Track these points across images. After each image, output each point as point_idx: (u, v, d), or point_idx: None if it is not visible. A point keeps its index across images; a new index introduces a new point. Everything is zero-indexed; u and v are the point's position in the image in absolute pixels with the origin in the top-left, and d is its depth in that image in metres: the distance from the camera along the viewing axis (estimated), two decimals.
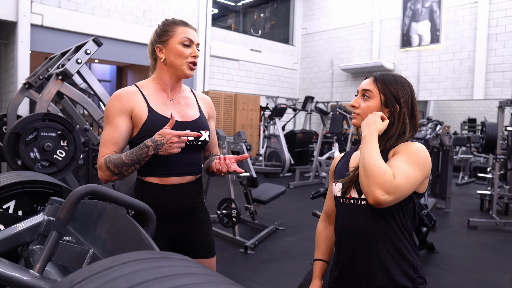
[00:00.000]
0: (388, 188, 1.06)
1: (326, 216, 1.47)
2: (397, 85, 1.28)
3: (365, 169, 1.12)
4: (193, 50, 1.50)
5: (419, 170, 1.15)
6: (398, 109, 1.27)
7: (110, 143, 1.41)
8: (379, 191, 1.06)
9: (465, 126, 12.15)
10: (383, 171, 1.09)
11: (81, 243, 0.94)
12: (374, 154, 1.14)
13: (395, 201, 1.09)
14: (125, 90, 1.48)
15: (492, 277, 3.33)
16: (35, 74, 3.97)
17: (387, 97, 1.28)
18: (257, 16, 13.30)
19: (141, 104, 1.45)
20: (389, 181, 1.07)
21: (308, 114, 10.07)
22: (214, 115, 1.68)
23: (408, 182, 1.11)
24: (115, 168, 1.36)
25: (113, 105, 1.44)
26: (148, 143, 1.34)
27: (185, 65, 1.48)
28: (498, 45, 8.80)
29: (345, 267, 1.29)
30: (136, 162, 1.36)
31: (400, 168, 1.12)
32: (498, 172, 5.19)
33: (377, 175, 1.08)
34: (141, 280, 0.44)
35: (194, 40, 1.51)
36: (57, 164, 2.74)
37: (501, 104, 5.19)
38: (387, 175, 1.08)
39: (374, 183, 1.07)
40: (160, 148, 1.33)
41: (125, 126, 1.43)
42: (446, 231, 4.69)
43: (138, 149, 1.35)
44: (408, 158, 1.16)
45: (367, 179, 1.10)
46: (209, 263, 1.56)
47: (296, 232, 4.42)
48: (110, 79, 12.38)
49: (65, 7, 7.75)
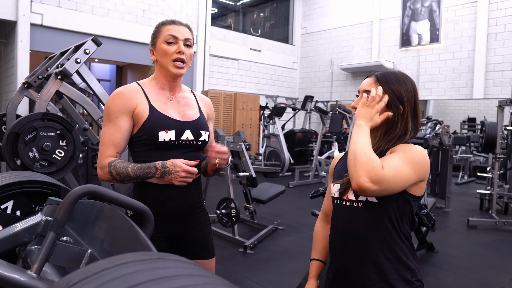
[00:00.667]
0: (374, 176, 1.05)
1: (324, 215, 1.46)
2: (399, 84, 1.24)
3: (355, 154, 1.10)
4: (178, 46, 1.46)
5: (412, 169, 1.13)
6: (402, 110, 1.23)
7: (111, 144, 1.41)
8: (364, 178, 1.05)
9: (464, 125, 12.14)
10: (372, 159, 1.08)
11: (79, 243, 0.94)
12: (366, 143, 1.12)
13: (379, 192, 1.07)
14: (127, 88, 1.47)
15: (491, 276, 3.32)
16: (35, 74, 3.96)
17: (390, 98, 1.23)
18: (256, 15, 13.30)
19: (143, 102, 1.45)
20: (376, 170, 1.05)
21: (308, 113, 10.07)
22: (213, 116, 1.67)
23: (396, 176, 1.09)
24: (118, 175, 1.39)
25: (115, 104, 1.42)
26: (158, 165, 1.36)
27: (170, 63, 1.46)
28: (497, 44, 8.80)
29: (341, 270, 1.28)
30: (141, 178, 1.39)
31: (391, 162, 1.11)
32: (497, 171, 5.19)
33: (365, 162, 1.07)
34: (137, 281, 0.44)
35: (179, 35, 1.46)
36: (56, 163, 2.74)
37: (500, 103, 5.19)
38: (376, 164, 1.07)
39: (361, 169, 1.06)
40: (166, 175, 1.36)
41: (127, 126, 1.43)
42: (445, 231, 4.69)
43: (146, 167, 1.37)
44: (403, 155, 1.14)
45: (354, 165, 1.09)
46: (208, 264, 1.56)
47: (295, 232, 4.42)
48: (110, 78, 12.38)
49: (64, 7, 7.75)
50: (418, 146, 1.20)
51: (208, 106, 1.65)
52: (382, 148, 1.23)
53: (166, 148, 1.45)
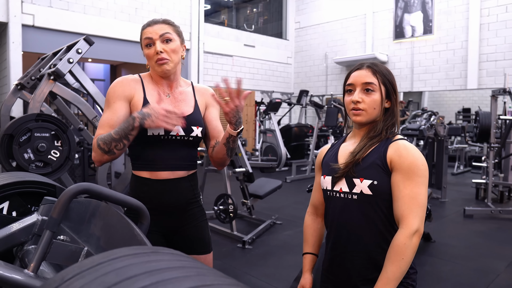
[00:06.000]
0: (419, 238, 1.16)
1: (314, 208, 1.46)
2: (390, 74, 1.29)
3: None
4: (155, 47, 1.45)
5: (423, 185, 1.18)
6: (395, 98, 1.28)
7: (106, 125, 1.42)
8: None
9: (459, 116, 12.19)
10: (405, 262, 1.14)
11: (75, 241, 0.95)
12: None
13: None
14: (128, 77, 1.51)
15: (488, 264, 3.36)
16: (27, 75, 3.94)
17: (388, 88, 1.26)
18: (250, 11, 13.26)
19: (139, 94, 1.48)
20: (415, 244, 1.14)
21: (303, 108, 10.08)
22: (213, 103, 1.61)
23: (422, 215, 1.17)
24: (104, 145, 1.35)
25: (114, 90, 1.46)
26: (135, 114, 1.33)
27: (155, 65, 1.47)
28: (490, 34, 8.83)
29: (336, 260, 1.29)
30: (124, 136, 1.34)
31: (415, 201, 1.16)
32: (492, 160, 5.23)
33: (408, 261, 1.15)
34: (130, 274, 0.45)
35: (153, 35, 1.46)
36: (51, 164, 2.73)
37: (493, 93, 5.21)
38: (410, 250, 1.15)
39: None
40: (146, 119, 1.30)
41: (123, 110, 1.45)
42: (442, 221, 4.73)
43: (125, 121, 1.35)
44: (413, 183, 1.17)
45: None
46: (205, 259, 1.56)
47: (293, 226, 4.44)
48: (104, 78, 12.32)
49: (56, 7, 7.69)
50: (419, 156, 1.20)
51: (204, 95, 1.61)
52: (380, 137, 1.25)
53: (156, 143, 1.45)
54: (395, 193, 1.18)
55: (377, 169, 1.21)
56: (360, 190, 1.21)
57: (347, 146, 1.33)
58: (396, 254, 1.13)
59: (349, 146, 1.32)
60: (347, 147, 1.32)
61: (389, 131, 1.26)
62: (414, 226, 1.14)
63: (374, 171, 1.21)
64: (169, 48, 1.47)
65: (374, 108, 1.25)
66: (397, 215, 1.18)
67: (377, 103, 1.25)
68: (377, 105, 1.25)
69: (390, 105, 1.28)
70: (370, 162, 1.22)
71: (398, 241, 1.13)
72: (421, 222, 1.15)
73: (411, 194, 1.16)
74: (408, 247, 1.12)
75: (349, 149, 1.30)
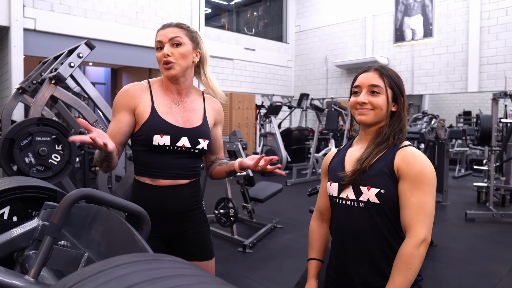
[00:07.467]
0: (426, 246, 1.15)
1: (319, 214, 1.45)
2: (398, 78, 1.28)
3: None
4: (164, 50, 1.45)
5: (431, 193, 1.17)
6: (403, 102, 1.27)
7: (110, 135, 1.43)
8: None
9: (460, 119, 12.18)
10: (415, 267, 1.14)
11: (76, 247, 0.94)
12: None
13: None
14: (134, 86, 1.49)
15: (490, 268, 3.35)
16: (29, 79, 3.95)
17: (395, 92, 1.26)
18: (250, 14, 13.29)
19: (146, 103, 1.45)
20: (422, 254, 1.14)
21: (304, 111, 10.08)
22: (222, 120, 1.65)
23: (430, 224, 1.16)
24: (97, 161, 1.40)
25: (118, 100, 1.46)
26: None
27: (162, 68, 1.47)
28: (490, 37, 8.84)
29: (341, 267, 1.28)
30: (102, 160, 1.36)
31: (420, 222, 1.15)
32: (494, 164, 5.21)
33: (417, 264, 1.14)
34: (132, 282, 0.44)
35: (163, 39, 1.45)
36: (52, 168, 2.73)
37: (494, 96, 5.21)
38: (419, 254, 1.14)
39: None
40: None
41: (126, 121, 1.44)
42: (443, 224, 4.71)
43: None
44: (420, 192, 1.16)
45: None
46: (207, 266, 1.55)
47: (294, 230, 4.43)
48: (105, 81, 12.33)
49: (57, 11, 7.72)
50: (428, 164, 1.19)
51: (217, 110, 1.61)
52: (386, 144, 1.23)
53: (161, 152, 1.45)
54: (402, 201, 1.17)
55: (385, 177, 1.19)
56: (367, 198, 1.20)
57: (354, 151, 1.31)
58: (403, 263, 1.12)
59: (355, 151, 1.30)
60: (354, 153, 1.30)
61: (397, 137, 1.24)
62: (421, 235, 1.12)
63: (382, 179, 1.19)
64: (177, 52, 1.44)
65: (381, 109, 1.24)
66: (404, 223, 1.17)
67: (384, 106, 1.24)
68: (383, 107, 1.24)
69: (397, 109, 1.27)
70: (377, 169, 1.20)
71: (405, 250, 1.13)
72: (429, 231, 1.14)
73: (418, 202, 1.15)
74: (416, 256, 1.11)
75: (356, 155, 1.28)
